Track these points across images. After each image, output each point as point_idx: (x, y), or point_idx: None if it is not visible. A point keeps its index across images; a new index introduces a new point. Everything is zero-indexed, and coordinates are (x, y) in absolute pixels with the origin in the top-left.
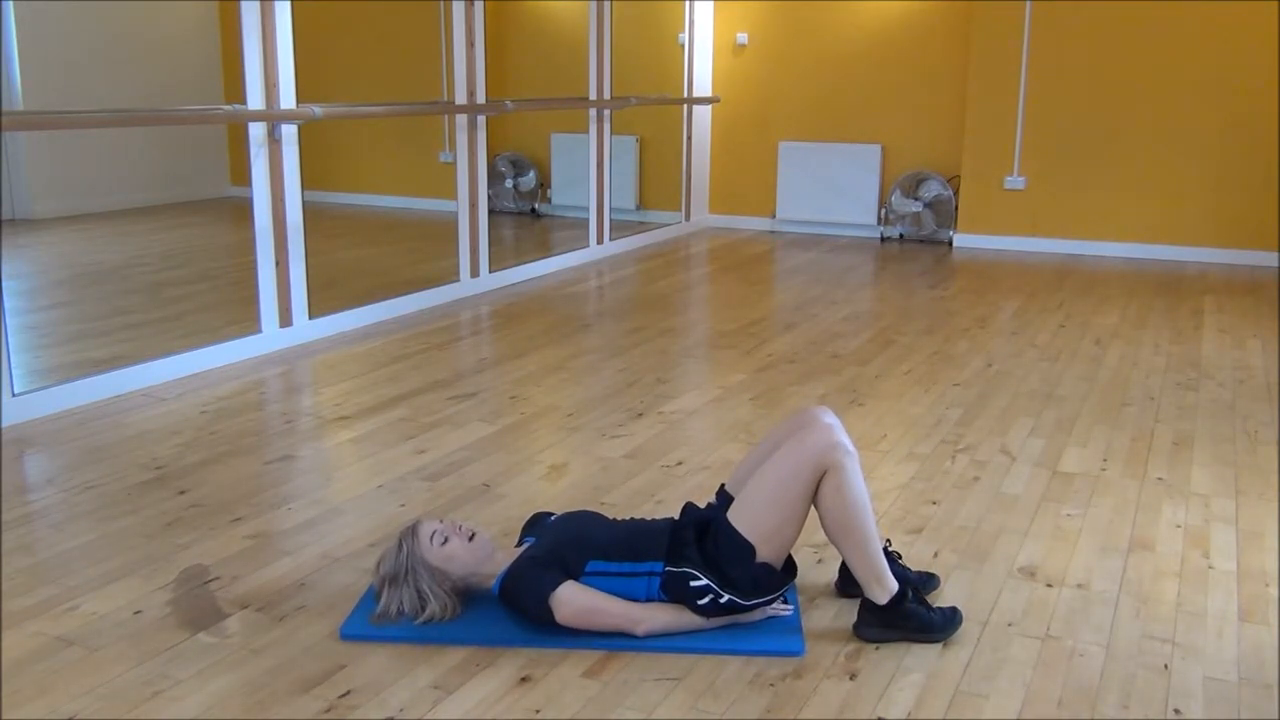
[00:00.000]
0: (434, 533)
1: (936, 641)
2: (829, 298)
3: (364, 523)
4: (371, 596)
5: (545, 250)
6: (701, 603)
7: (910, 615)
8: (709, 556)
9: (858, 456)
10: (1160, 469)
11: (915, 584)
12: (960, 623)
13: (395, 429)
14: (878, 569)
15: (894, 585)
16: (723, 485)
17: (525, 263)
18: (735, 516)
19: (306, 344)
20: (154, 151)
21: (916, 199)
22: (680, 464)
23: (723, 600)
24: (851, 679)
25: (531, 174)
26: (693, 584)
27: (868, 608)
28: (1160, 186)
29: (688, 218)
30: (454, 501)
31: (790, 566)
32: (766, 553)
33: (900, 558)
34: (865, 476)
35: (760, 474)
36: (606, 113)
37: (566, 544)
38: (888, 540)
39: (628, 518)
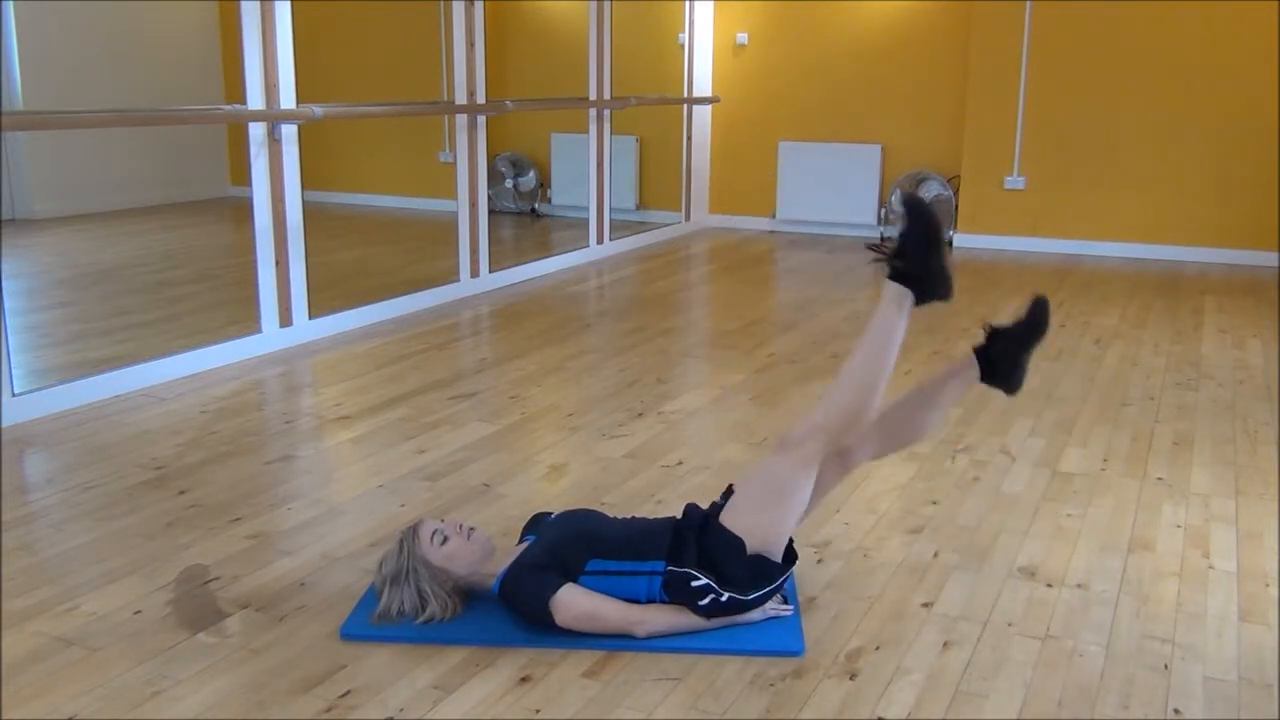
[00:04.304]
0: (434, 532)
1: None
2: (829, 298)
3: (364, 523)
4: (372, 596)
5: (545, 250)
6: (703, 603)
7: (996, 351)
8: (706, 557)
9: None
10: (1160, 469)
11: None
12: (1046, 307)
13: (395, 429)
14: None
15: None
16: (730, 485)
17: (525, 263)
18: (726, 518)
19: (306, 344)
20: (154, 151)
21: None
22: (680, 464)
23: (723, 599)
24: (851, 679)
25: (531, 174)
26: (693, 584)
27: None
28: (1160, 186)
29: (688, 218)
30: (454, 501)
31: (790, 555)
32: (757, 545)
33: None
34: (864, 478)
35: (745, 479)
36: (606, 113)
37: (566, 542)
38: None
39: (628, 516)
